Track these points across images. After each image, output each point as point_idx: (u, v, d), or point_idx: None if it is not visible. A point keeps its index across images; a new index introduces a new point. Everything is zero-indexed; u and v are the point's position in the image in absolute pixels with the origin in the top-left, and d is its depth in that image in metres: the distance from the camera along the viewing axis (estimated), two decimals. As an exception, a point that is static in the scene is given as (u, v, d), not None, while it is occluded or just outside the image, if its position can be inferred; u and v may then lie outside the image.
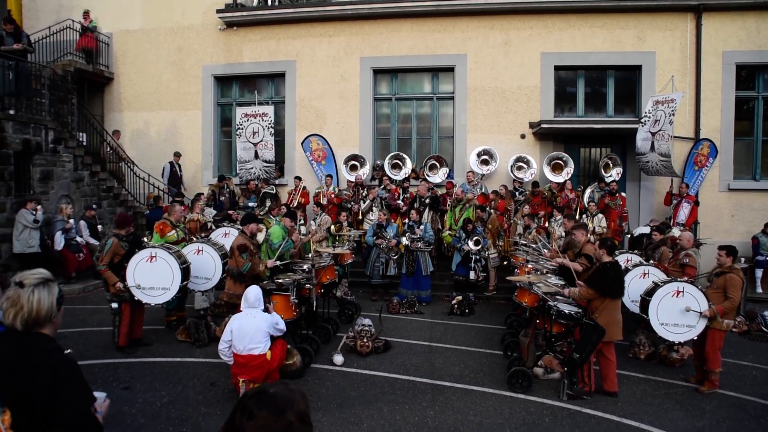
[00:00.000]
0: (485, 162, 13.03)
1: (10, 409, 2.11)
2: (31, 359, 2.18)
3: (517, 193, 12.40)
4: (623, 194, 12.09)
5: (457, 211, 11.31)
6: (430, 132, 14.19)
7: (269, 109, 13.71)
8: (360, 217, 12.32)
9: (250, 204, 12.58)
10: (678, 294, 6.58)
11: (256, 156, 13.67)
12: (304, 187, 13.09)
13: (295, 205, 12.29)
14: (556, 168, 12.63)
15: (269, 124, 13.55)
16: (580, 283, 6.46)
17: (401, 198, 12.09)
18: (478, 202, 11.61)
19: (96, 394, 2.46)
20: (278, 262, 7.59)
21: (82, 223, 11.74)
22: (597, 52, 13.07)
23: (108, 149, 14.53)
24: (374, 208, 12.08)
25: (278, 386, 1.62)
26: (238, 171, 14.07)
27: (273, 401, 1.56)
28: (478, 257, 10.43)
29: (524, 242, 9.92)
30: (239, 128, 13.78)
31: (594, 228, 10.54)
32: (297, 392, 1.62)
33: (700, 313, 6.45)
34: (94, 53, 14.86)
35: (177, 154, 14.13)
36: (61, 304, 2.35)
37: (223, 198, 12.74)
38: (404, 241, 10.48)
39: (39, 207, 10.64)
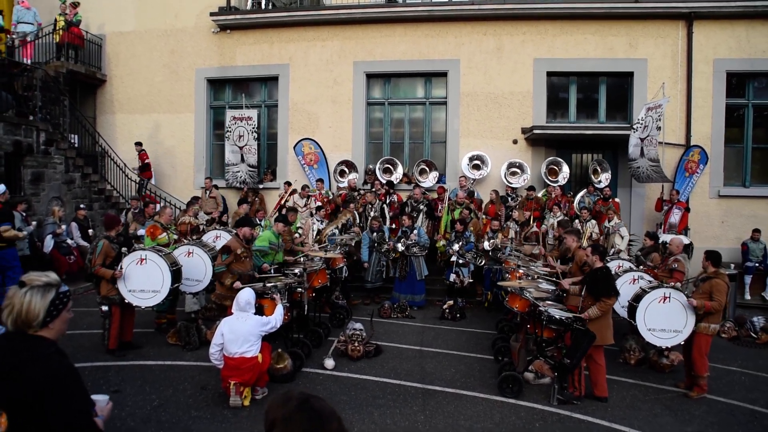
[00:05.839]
0: (476, 167, 13.07)
1: (7, 413, 2.10)
2: (23, 361, 2.15)
3: (509, 199, 12.40)
4: (617, 200, 12.15)
5: (456, 215, 11.29)
6: (422, 137, 14.20)
7: (254, 113, 13.77)
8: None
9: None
10: (665, 300, 6.67)
11: (242, 159, 13.67)
12: (294, 190, 12.97)
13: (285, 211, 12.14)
14: (552, 173, 12.75)
15: (254, 128, 13.60)
16: (571, 289, 6.47)
17: (387, 202, 12.02)
18: (473, 206, 11.64)
19: (98, 397, 2.45)
20: (239, 282, 7.18)
21: (74, 224, 11.59)
22: (589, 58, 13.14)
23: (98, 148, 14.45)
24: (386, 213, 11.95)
25: (314, 399, 1.59)
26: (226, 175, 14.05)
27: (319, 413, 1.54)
28: (463, 261, 10.41)
29: (489, 248, 10.16)
30: (228, 131, 13.82)
31: (591, 234, 10.57)
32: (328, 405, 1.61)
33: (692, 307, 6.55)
34: (78, 50, 14.41)
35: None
36: (61, 310, 2.29)
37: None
38: (400, 247, 10.45)
39: (34, 223, 10.47)
